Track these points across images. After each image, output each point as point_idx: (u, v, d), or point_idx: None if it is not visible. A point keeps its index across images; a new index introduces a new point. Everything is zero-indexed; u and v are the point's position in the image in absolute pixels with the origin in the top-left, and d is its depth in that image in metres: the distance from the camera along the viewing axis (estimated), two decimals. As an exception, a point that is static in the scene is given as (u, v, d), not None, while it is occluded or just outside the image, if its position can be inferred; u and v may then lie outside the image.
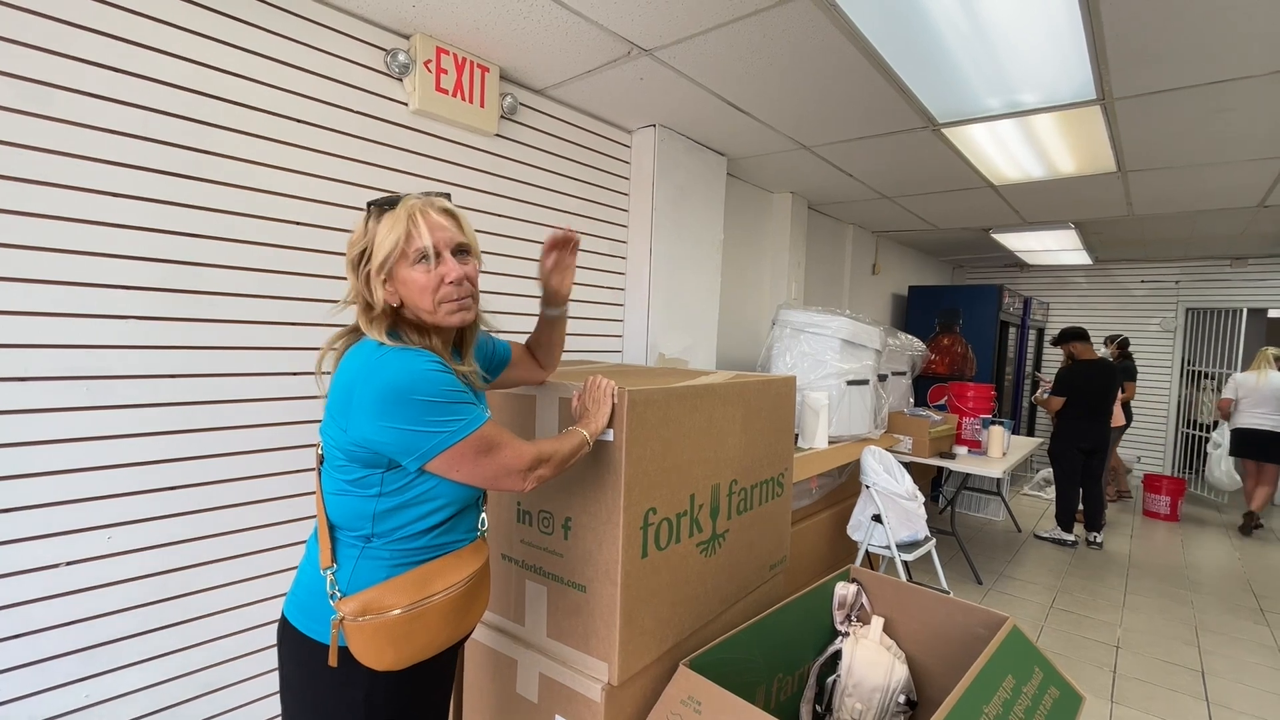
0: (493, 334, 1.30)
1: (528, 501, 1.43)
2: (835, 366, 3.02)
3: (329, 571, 0.94)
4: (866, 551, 2.87)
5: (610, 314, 2.82)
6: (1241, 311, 5.91)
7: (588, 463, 1.28)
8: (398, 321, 0.99)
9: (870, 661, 1.75)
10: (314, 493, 1.62)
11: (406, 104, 1.99)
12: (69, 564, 1.39)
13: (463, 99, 2.09)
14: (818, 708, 1.76)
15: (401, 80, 1.97)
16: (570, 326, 2.62)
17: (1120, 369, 4.90)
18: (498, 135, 2.27)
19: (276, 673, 1.05)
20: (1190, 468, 6.25)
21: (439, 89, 2.02)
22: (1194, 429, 6.22)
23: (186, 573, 1.58)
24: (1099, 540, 4.33)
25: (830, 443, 2.91)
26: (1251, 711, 2.37)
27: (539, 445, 1.02)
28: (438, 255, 0.95)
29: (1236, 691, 2.51)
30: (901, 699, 1.75)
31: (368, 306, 0.98)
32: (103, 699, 1.45)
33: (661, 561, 1.36)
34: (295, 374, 1.76)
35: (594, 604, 1.29)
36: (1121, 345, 5.43)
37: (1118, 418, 4.99)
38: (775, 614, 1.69)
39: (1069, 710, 1.52)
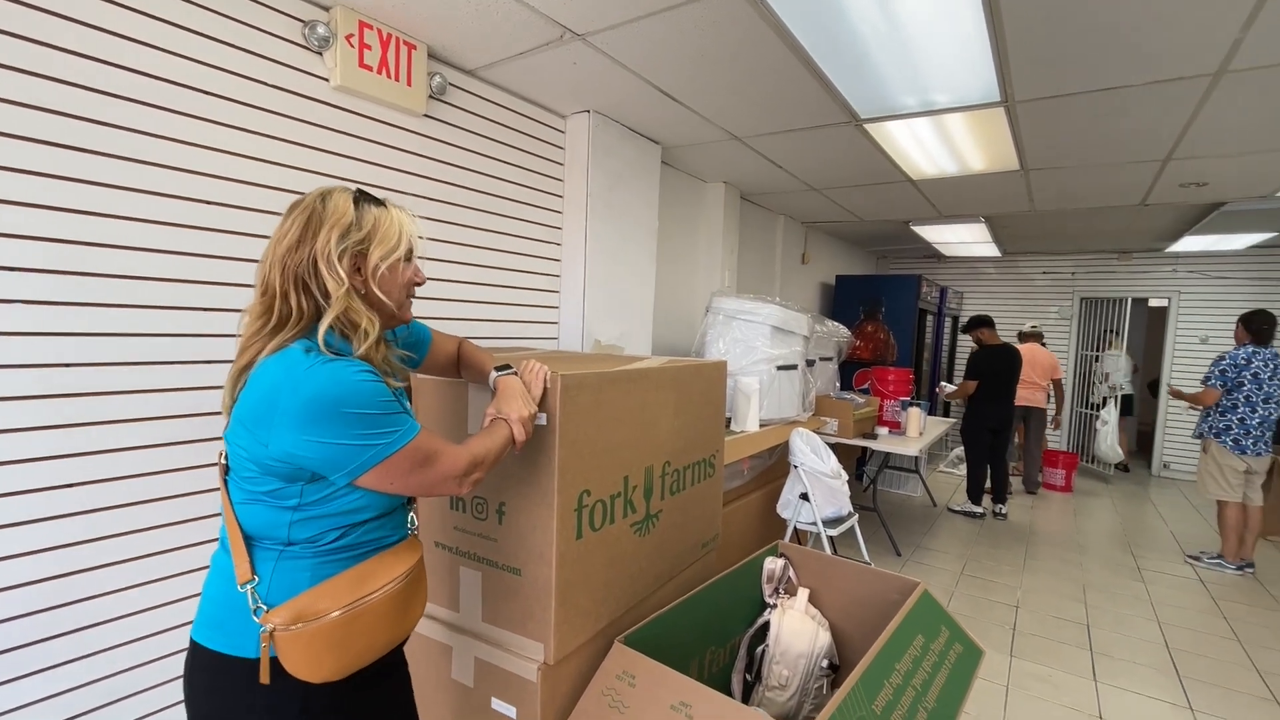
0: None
1: (461, 488, 1.42)
2: (766, 352, 3.13)
3: (249, 586, 0.88)
4: (795, 528, 3.00)
5: (545, 300, 2.81)
6: (1127, 301, 6.50)
7: (522, 447, 1.28)
8: (345, 323, 0.93)
9: (796, 630, 1.85)
10: (217, 491, 1.54)
11: (327, 80, 1.90)
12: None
13: (388, 76, 2.02)
14: (748, 676, 1.84)
15: (321, 54, 1.88)
16: (505, 313, 2.61)
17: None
18: (426, 116, 2.20)
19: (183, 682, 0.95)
20: (1081, 444, 6.85)
21: (362, 65, 1.94)
22: (1086, 408, 6.81)
23: (87, 575, 1.48)
24: (1004, 512, 4.70)
25: (761, 426, 3.02)
26: (1127, 658, 2.66)
27: (471, 448, 1.00)
28: (412, 256, 1.05)
29: (1115, 640, 2.81)
30: (825, 663, 1.86)
31: (299, 304, 0.91)
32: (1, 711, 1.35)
33: (596, 542, 1.38)
34: (203, 363, 1.66)
35: (529, 586, 1.31)
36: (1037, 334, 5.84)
37: (1043, 400, 5.41)
38: (707, 589, 1.76)
39: (970, 663, 1.67)
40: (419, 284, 1.08)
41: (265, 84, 1.75)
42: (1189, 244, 5.56)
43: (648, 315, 3.26)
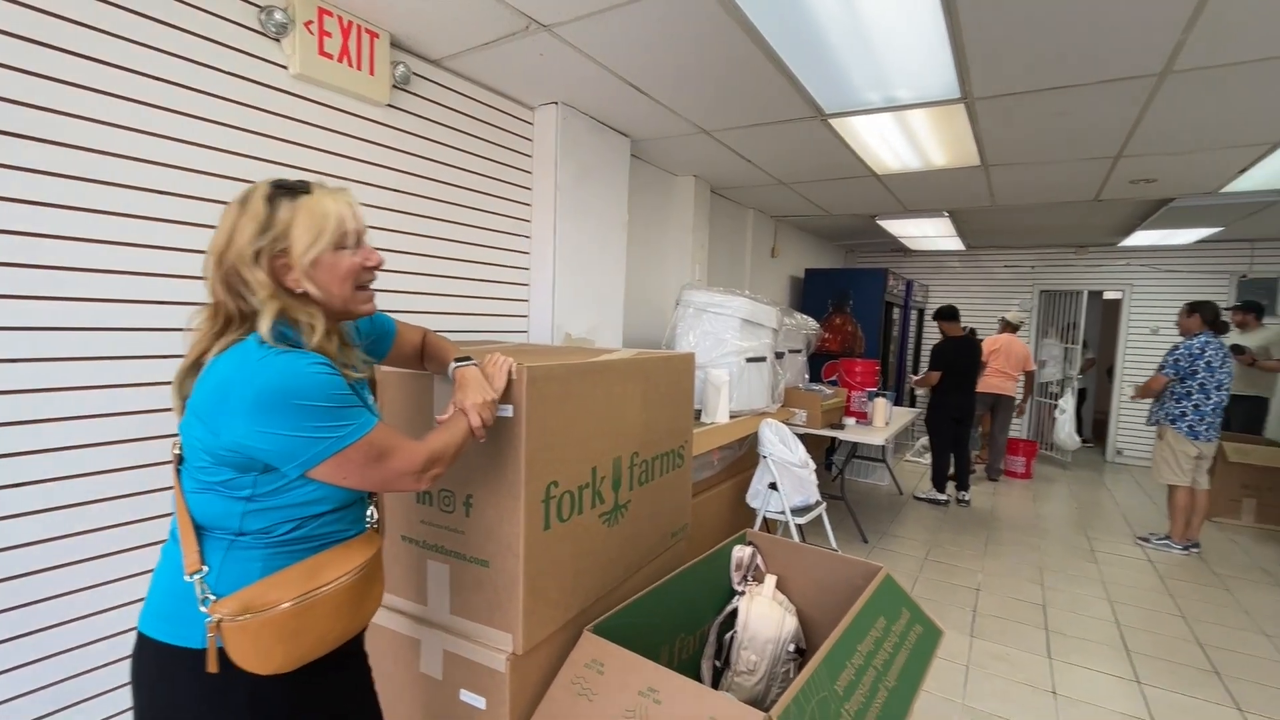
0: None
1: (428, 481, 1.41)
2: (735, 345, 3.16)
3: (197, 576, 0.87)
4: (764, 517, 3.05)
5: (515, 294, 2.80)
6: (1083, 294, 6.73)
7: (489, 440, 1.27)
8: (286, 319, 0.92)
9: (763, 616, 1.89)
10: (171, 489, 1.51)
11: (286, 67, 1.86)
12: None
13: (350, 65, 1.98)
14: (717, 663, 1.87)
15: (279, 41, 1.83)
16: (474, 307, 2.59)
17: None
18: (390, 106, 2.17)
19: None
20: (1040, 431, 7.08)
21: (323, 53, 1.90)
22: (1045, 397, 7.03)
23: (41, 577, 1.43)
24: (967, 499, 4.84)
25: (731, 417, 3.06)
26: (1080, 635, 2.77)
27: (430, 443, 0.99)
28: (360, 241, 0.96)
29: (1070, 619, 2.92)
30: (791, 648, 1.90)
31: (238, 306, 0.90)
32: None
33: (564, 533, 1.39)
34: (157, 358, 1.62)
35: (497, 577, 1.31)
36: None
37: (1013, 389, 5.54)
38: (676, 578, 1.78)
39: (930, 643, 1.72)
40: (370, 269, 0.98)
41: (220, 70, 1.71)
42: (1140, 239, 5.78)
43: (618, 308, 3.26)
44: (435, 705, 1.40)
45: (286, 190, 0.92)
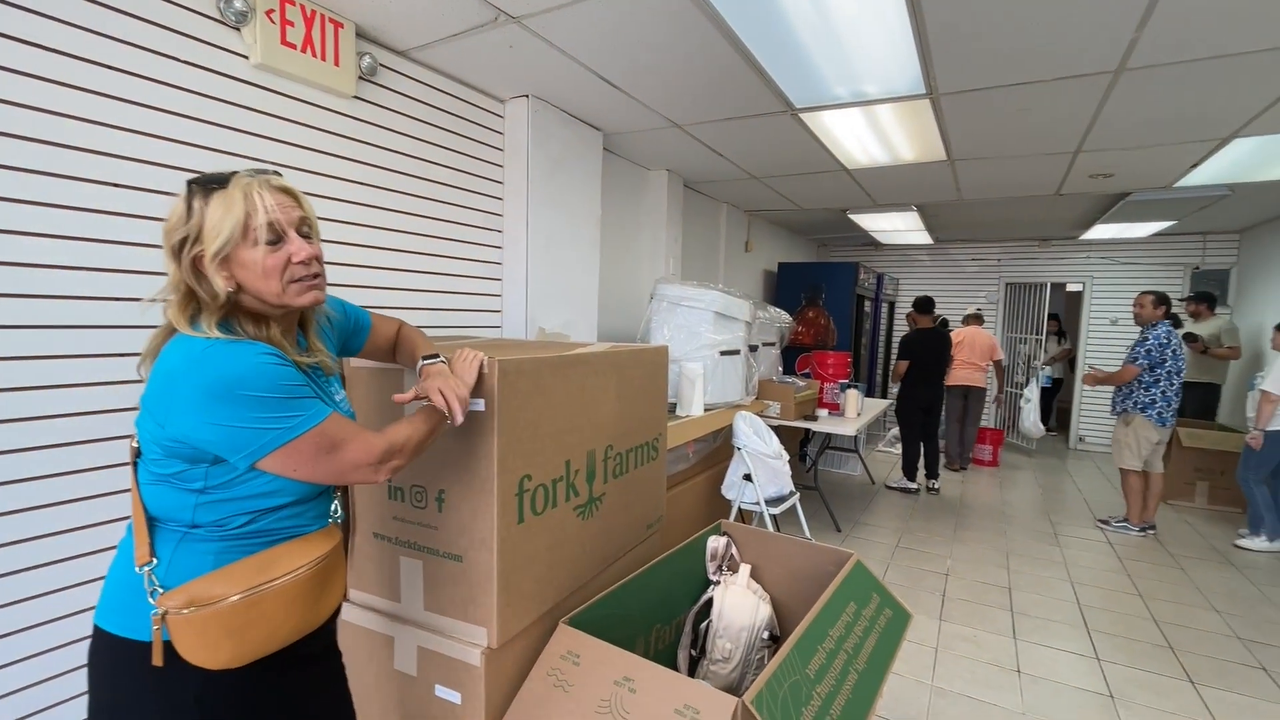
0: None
1: (399, 477, 1.40)
2: (709, 338, 3.18)
3: (146, 568, 0.85)
4: (739, 508, 3.08)
5: (487, 289, 2.78)
6: (1046, 286, 6.92)
7: (460, 434, 1.27)
8: (231, 311, 0.91)
9: (738, 605, 1.91)
10: (129, 490, 1.48)
11: (247, 57, 1.81)
12: None
13: (314, 55, 1.94)
14: (693, 652, 1.89)
15: (239, 30, 1.79)
16: (446, 302, 2.56)
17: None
18: (356, 98, 2.13)
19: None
20: (1007, 420, 7.27)
21: (285, 42, 1.86)
22: (1011, 387, 7.22)
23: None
24: (936, 487, 4.95)
25: (706, 410, 3.08)
26: (1044, 616, 2.87)
27: (390, 434, 0.97)
28: (283, 234, 0.90)
29: (1034, 601, 3.02)
30: (765, 635, 1.93)
31: (191, 297, 0.89)
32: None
33: (538, 526, 1.39)
34: (114, 355, 1.57)
35: (471, 572, 1.31)
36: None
37: (983, 380, 5.63)
38: (652, 569, 1.80)
39: (899, 626, 1.76)
40: (298, 261, 0.91)
41: (177, 59, 1.66)
42: (1100, 232, 5.96)
43: (592, 303, 3.26)
44: (410, 702, 1.39)
45: (202, 184, 0.88)
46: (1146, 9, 1.82)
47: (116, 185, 1.55)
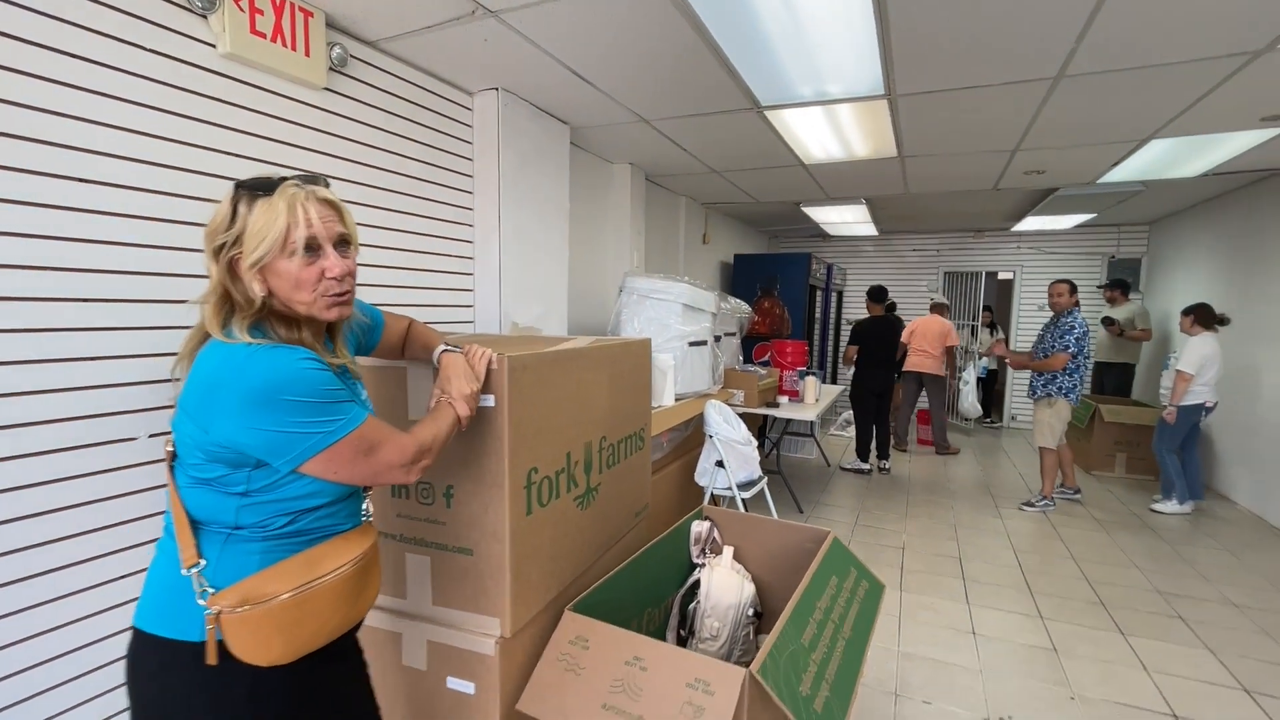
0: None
1: (402, 475, 1.40)
2: (678, 329, 3.26)
3: (194, 570, 0.85)
4: (712, 494, 3.18)
5: (459, 283, 2.75)
6: (981, 274, 7.34)
7: (469, 430, 1.29)
8: (263, 315, 0.91)
9: (724, 584, 2.00)
10: (139, 493, 1.44)
11: (214, 46, 1.74)
12: None
13: (284, 45, 1.88)
14: (681, 632, 1.97)
15: (206, 17, 1.72)
16: (419, 298, 2.54)
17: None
18: (326, 89, 2.07)
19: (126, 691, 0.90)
20: (947, 403, 7.69)
21: (254, 31, 1.79)
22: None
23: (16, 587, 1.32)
24: (887, 467, 5.22)
25: (676, 399, 3.16)
26: (992, 581, 3.10)
27: (418, 435, 1.00)
28: (320, 248, 0.90)
29: (982, 569, 3.26)
30: (750, 612, 2.03)
31: (226, 300, 0.89)
32: None
33: (544, 517, 1.43)
34: (90, 360, 1.50)
35: (482, 565, 1.33)
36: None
37: (936, 367, 5.86)
38: (643, 555, 1.86)
39: (876, 596, 1.89)
40: (331, 277, 0.91)
41: (141, 47, 1.58)
42: (1029, 224, 6.37)
43: (563, 296, 3.27)
44: (419, 696, 1.41)
45: (249, 189, 0.88)
46: (1085, 24, 1.98)
47: (78, 180, 1.47)
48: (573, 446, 1.55)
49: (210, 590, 0.85)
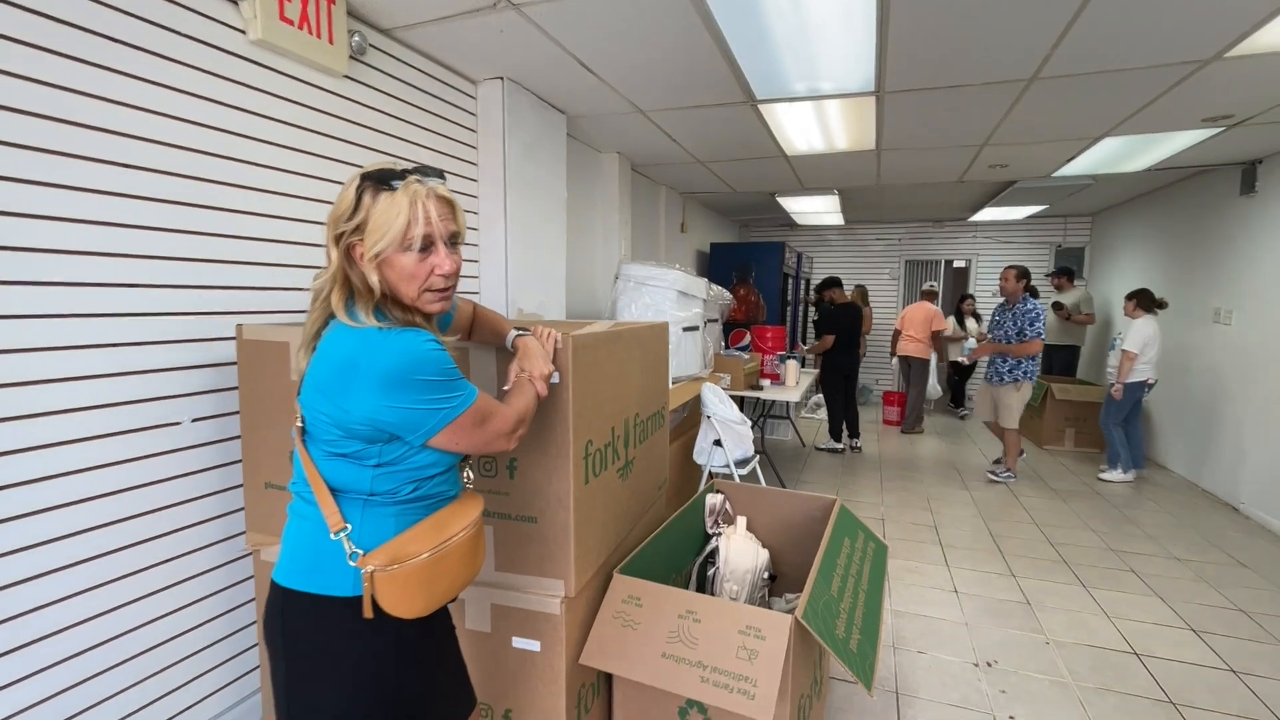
0: None
1: (461, 450, 1.48)
2: (673, 315, 3.37)
3: (342, 534, 0.93)
4: (710, 472, 3.33)
5: (465, 270, 2.79)
6: (940, 262, 7.70)
7: (532, 405, 1.38)
8: (381, 299, 0.97)
9: (741, 551, 2.14)
10: (151, 485, 1.50)
11: (244, 32, 1.75)
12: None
13: (310, 33, 1.89)
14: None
15: (237, 3, 1.72)
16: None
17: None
18: (347, 77, 2.09)
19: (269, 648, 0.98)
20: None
21: (283, 18, 1.81)
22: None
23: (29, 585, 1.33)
24: (859, 445, 5.48)
25: (673, 383, 3.28)
26: (966, 546, 3.35)
27: (514, 406, 1.08)
28: (433, 245, 0.95)
29: (957, 535, 3.51)
30: (765, 575, 2.18)
31: (346, 284, 0.95)
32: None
33: (598, 486, 1.53)
34: (109, 346, 1.52)
35: (546, 531, 1.42)
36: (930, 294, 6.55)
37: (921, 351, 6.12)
38: (669, 525, 1.99)
39: (882, 555, 2.07)
40: (441, 274, 0.96)
41: (175, 31, 1.58)
42: (986, 214, 6.73)
43: (561, 283, 3.34)
44: (484, 657, 1.50)
45: (375, 181, 0.93)
46: (1061, 31, 2.18)
47: (104, 162, 1.46)
48: (615, 422, 1.65)
49: (359, 552, 0.93)
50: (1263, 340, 3.91)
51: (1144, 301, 4.49)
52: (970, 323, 7.01)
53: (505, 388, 1.19)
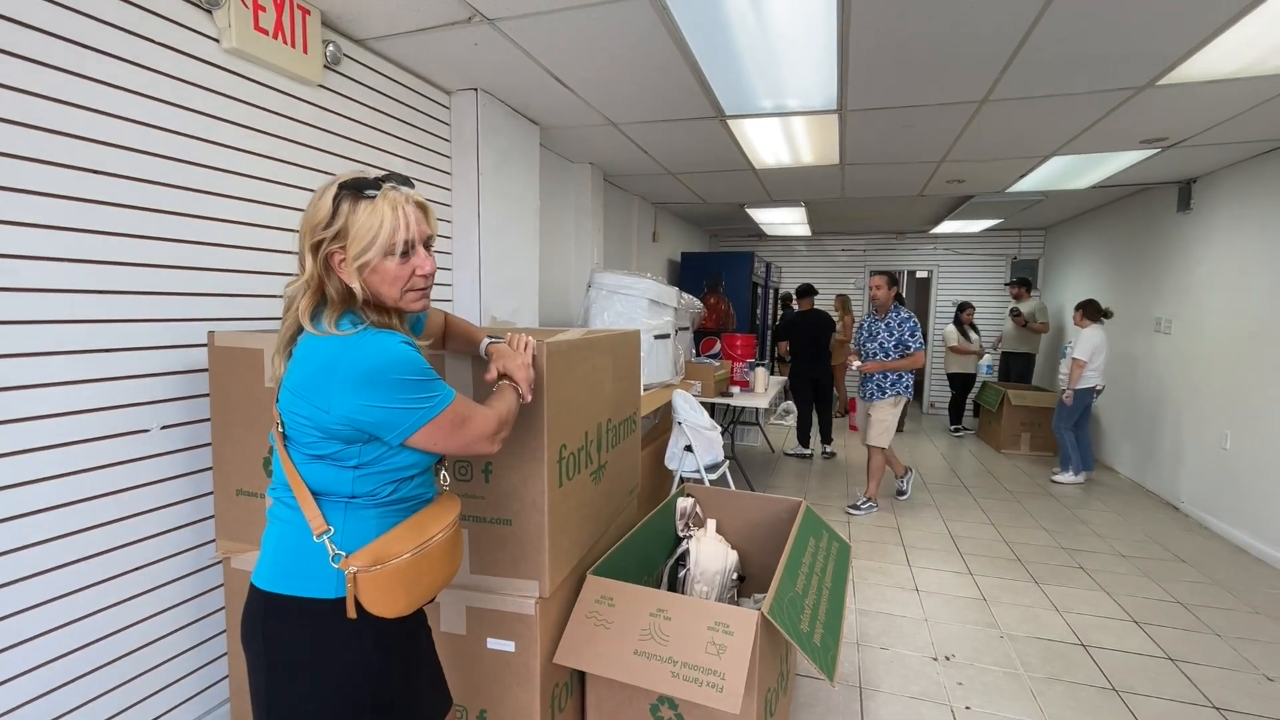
0: None
1: (437, 455, 1.51)
2: (645, 323, 3.44)
3: (325, 536, 0.95)
4: (681, 477, 3.39)
5: (439, 279, 2.80)
6: (904, 273, 7.95)
7: (507, 410, 1.41)
8: (357, 304, 0.99)
9: (711, 553, 2.20)
10: (136, 488, 1.48)
11: (218, 40, 1.76)
12: None
13: (284, 42, 1.91)
14: (675, 597, 2.15)
15: (211, 12, 1.73)
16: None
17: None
18: (321, 86, 2.11)
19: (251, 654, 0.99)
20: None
21: (258, 28, 1.82)
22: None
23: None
24: (830, 451, 5.60)
25: (644, 389, 3.33)
26: (927, 546, 3.48)
27: (496, 409, 1.11)
28: (414, 249, 0.99)
29: (918, 535, 3.64)
30: (735, 576, 2.24)
31: (319, 293, 0.97)
32: None
33: (571, 490, 1.57)
34: (80, 353, 1.51)
35: (520, 533, 1.46)
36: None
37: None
38: (641, 528, 2.04)
39: (845, 554, 2.15)
40: (422, 277, 1.01)
41: (149, 39, 1.59)
42: (945, 227, 6.98)
43: (534, 291, 3.38)
44: (457, 658, 1.52)
45: (353, 189, 0.96)
46: (1010, 57, 2.32)
47: (76, 169, 1.46)
48: (589, 426, 1.69)
49: (341, 554, 0.95)
50: (1199, 348, 4.16)
51: (1090, 311, 4.72)
52: (973, 335, 6.80)
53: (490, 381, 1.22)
